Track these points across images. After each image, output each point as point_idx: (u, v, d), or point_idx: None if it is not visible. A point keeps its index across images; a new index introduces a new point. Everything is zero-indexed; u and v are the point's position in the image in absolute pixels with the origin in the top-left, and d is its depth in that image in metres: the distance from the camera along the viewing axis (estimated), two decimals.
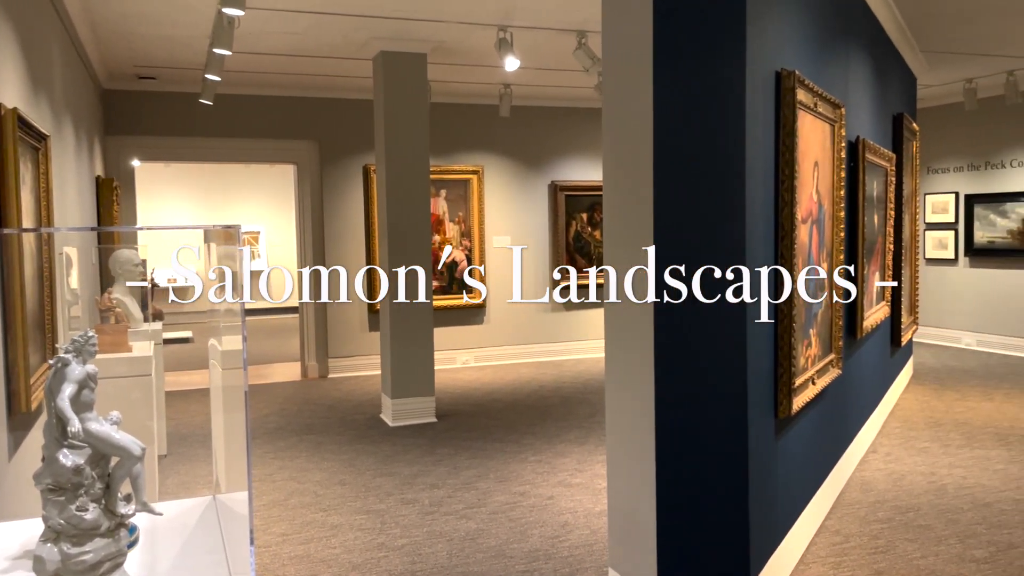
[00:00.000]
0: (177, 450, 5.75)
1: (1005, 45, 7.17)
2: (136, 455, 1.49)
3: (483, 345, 9.21)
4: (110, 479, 1.48)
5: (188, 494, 4.72)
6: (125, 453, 1.47)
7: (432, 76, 7.68)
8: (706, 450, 2.99)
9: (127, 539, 1.53)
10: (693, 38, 2.93)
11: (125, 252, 5.35)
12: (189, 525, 1.99)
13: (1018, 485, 4.69)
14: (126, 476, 1.50)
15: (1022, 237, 8.96)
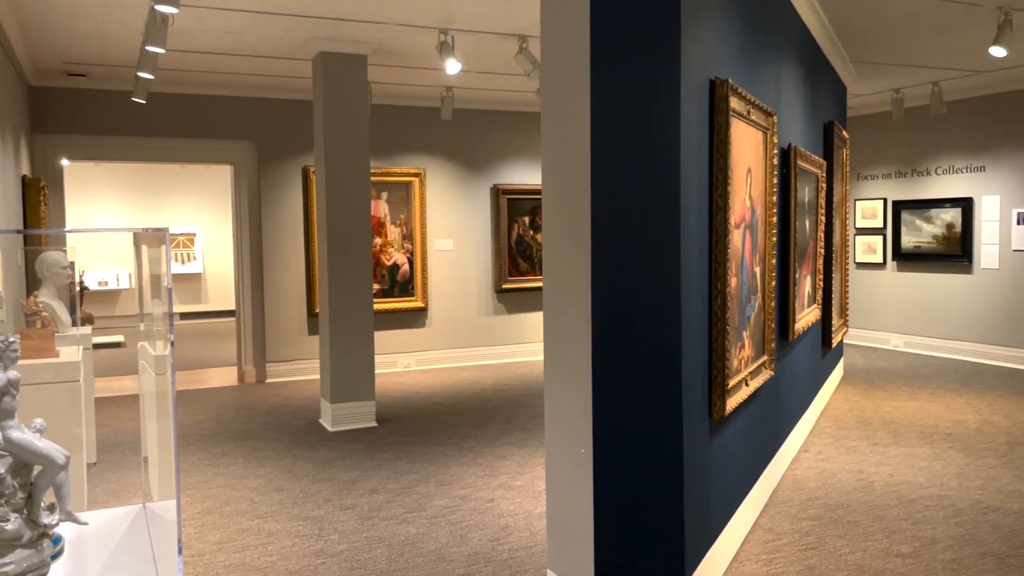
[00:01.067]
0: (108, 458, 5.59)
1: (930, 57, 7.46)
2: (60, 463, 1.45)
3: (425, 348, 9.18)
4: (32, 488, 1.44)
5: (118, 503, 4.59)
6: (48, 461, 1.44)
7: (373, 77, 7.63)
8: (642, 451, 3.04)
9: (51, 550, 1.49)
10: (629, 46, 2.98)
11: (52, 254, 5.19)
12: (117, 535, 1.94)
13: (941, 482, 4.87)
14: (49, 485, 1.46)
15: (946, 242, 9.32)
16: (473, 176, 9.40)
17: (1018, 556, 3.77)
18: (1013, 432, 5.96)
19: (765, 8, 4.50)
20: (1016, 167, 8.63)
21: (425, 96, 8.75)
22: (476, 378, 8.52)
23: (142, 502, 2.17)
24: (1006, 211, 8.73)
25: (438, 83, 8.12)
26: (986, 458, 5.33)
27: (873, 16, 6.05)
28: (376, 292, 8.77)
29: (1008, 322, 8.70)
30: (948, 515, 4.30)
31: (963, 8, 5.76)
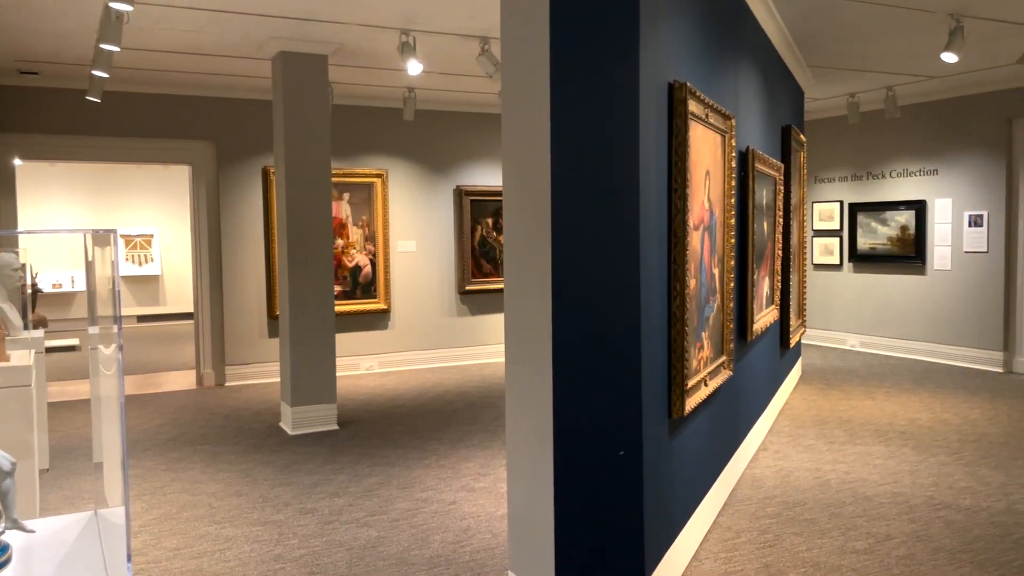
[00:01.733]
0: (61, 464, 5.47)
1: (884, 62, 7.61)
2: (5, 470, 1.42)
3: (387, 351, 9.13)
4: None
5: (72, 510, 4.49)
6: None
7: (334, 78, 7.58)
8: (603, 452, 3.05)
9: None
10: (589, 49, 3.00)
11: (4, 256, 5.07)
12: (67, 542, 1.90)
13: (895, 479, 4.97)
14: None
15: (901, 244, 9.52)
16: (436, 177, 9.37)
17: (969, 551, 3.86)
18: (964, 430, 6.11)
19: (723, 13, 4.56)
20: (967, 170, 8.84)
21: (387, 97, 8.71)
22: (439, 380, 8.49)
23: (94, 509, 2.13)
24: (958, 213, 8.94)
25: (400, 84, 8.09)
26: (938, 455, 5.45)
27: (829, 22, 6.16)
28: (338, 294, 8.71)
29: (960, 322, 8.91)
30: (902, 512, 4.39)
31: (916, 15, 5.89)
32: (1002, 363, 8.49)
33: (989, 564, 3.70)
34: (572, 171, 3.01)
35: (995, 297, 8.56)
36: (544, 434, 3.00)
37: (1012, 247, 8.46)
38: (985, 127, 8.64)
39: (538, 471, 3.03)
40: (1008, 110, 8.42)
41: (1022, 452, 5.48)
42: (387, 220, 9.00)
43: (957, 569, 3.65)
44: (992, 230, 8.60)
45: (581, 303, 3.01)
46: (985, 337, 8.66)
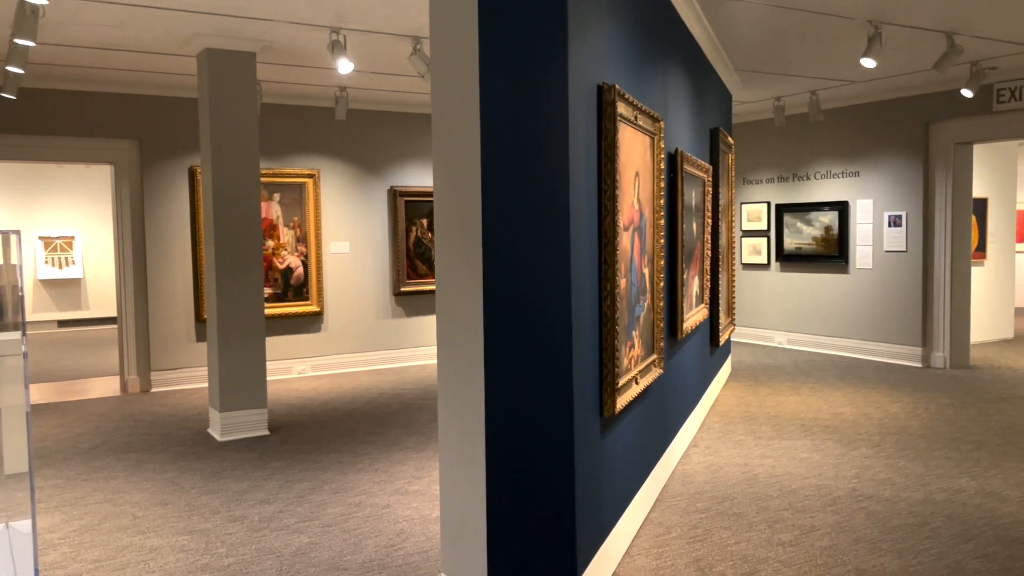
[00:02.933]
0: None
1: (808, 67, 7.83)
2: None
3: (321, 353, 9.00)
4: None
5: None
6: None
7: (263, 76, 7.44)
8: (534, 451, 3.06)
9: None
10: (517, 51, 3.00)
11: None
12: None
13: (820, 472, 5.12)
14: None
15: (825, 244, 9.81)
16: (370, 178, 9.28)
17: (888, 540, 3.99)
18: (885, 423, 6.32)
19: (652, 17, 4.62)
20: (887, 172, 9.17)
21: (319, 96, 8.59)
22: (374, 383, 8.41)
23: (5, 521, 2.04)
24: (878, 214, 9.26)
25: (332, 83, 7.99)
26: (861, 448, 5.63)
27: (754, 27, 6.31)
28: (269, 296, 8.55)
29: (881, 319, 9.23)
30: (825, 504, 4.52)
31: (836, 21, 6.07)
32: (921, 358, 8.82)
33: (907, 552, 3.84)
34: (502, 172, 3.01)
35: (914, 295, 8.89)
36: (476, 435, 2.99)
37: (929, 246, 8.80)
38: (904, 130, 8.97)
39: (470, 472, 3.02)
40: (925, 114, 8.76)
41: (939, 444, 5.71)
42: (319, 221, 8.87)
43: (878, 558, 3.78)
44: (910, 230, 8.93)
45: (512, 304, 3.02)
46: (905, 333, 8.99)
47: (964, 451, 5.51)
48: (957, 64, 7.21)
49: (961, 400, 7.09)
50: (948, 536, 4.03)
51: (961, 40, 6.54)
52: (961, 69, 7.61)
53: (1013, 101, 7.97)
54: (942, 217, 8.71)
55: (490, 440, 2.97)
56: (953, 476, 4.98)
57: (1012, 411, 6.65)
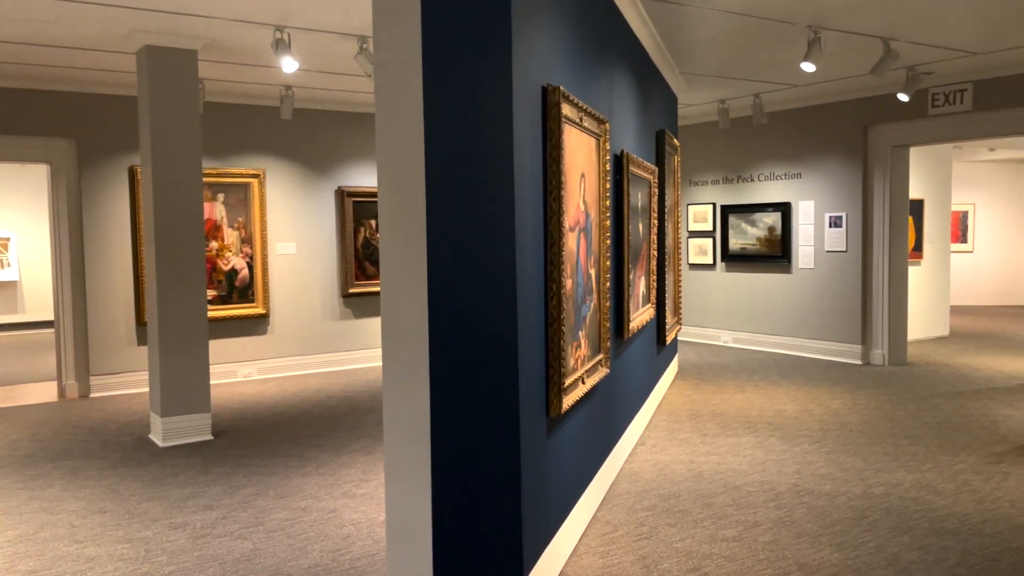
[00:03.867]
0: None
1: (752, 70, 7.97)
2: None
3: (267, 356, 8.86)
4: None
5: None
6: None
7: (206, 74, 7.30)
8: (480, 452, 3.06)
9: None
10: (461, 51, 3.00)
11: None
12: None
13: (763, 468, 5.21)
14: None
15: (768, 244, 10.00)
16: (316, 178, 9.17)
17: (828, 534, 4.08)
18: (826, 419, 6.47)
19: (597, 19, 4.66)
20: (827, 174, 9.38)
21: (264, 95, 8.47)
22: (322, 385, 8.31)
23: None
24: (819, 215, 9.47)
25: (277, 81, 7.88)
26: (802, 444, 5.75)
27: (697, 30, 6.40)
28: (213, 299, 8.39)
29: (822, 318, 9.44)
30: (768, 499, 4.61)
31: (778, 26, 6.20)
32: (860, 356, 9.05)
33: (847, 546, 3.93)
34: (447, 173, 3.00)
35: (853, 294, 9.12)
36: (421, 436, 2.98)
37: (868, 246, 9.04)
38: (843, 133, 9.19)
39: (415, 474, 3.00)
40: (864, 117, 8.99)
41: (878, 439, 5.86)
42: (265, 222, 8.73)
43: (818, 552, 3.86)
44: (850, 230, 9.15)
45: (457, 305, 3.01)
46: (845, 331, 9.21)
47: (901, 446, 5.67)
48: (894, 69, 7.41)
49: (899, 396, 7.30)
50: (885, 529, 4.14)
51: (897, 46, 6.72)
52: (898, 74, 7.82)
53: (947, 105, 8.22)
54: (880, 218, 8.95)
55: (435, 442, 2.96)
56: (890, 470, 5.11)
57: (947, 406, 6.86)
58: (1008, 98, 7.74)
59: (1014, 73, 7.63)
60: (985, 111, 7.96)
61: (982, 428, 6.12)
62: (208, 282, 8.33)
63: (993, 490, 4.71)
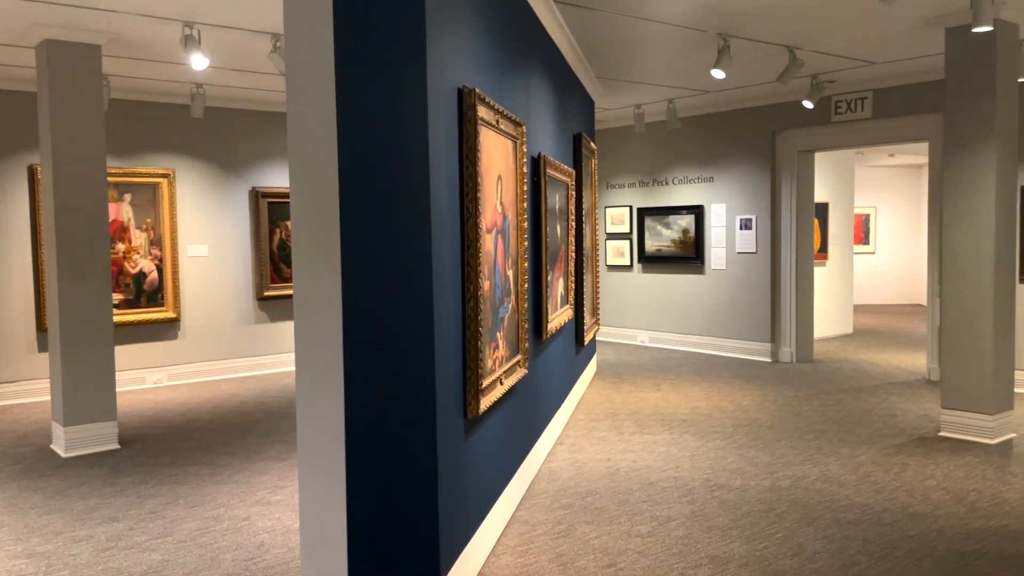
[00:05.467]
0: None
1: (666, 76, 8.16)
2: None
3: (178, 362, 8.59)
4: None
5: None
6: None
7: (111, 70, 7.05)
8: (396, 455, 3.04)
9: None
10: (374, 51, 2.98)
11: None
12: None
13: (677, 464, 5.34)
14: None
15: (683, 246, 10.25)
16: (230, 178, 8.94)
17: (738, 527, 4.21)
18: (737, 416, 6.67)
19: (513, 22, 4.69)
20: (738, 178, 9.68)
21: (173, 92, 8.21)
22: (236, 391, 8.11)
23: None
24: (731, 218, 9.76)
25: (187, 79, 7.65)
26: (715, 440, 5.91)
27: (612, 35, 6.51)
28: (119, 303, 8.09)
29: (734, 317, 9.73)
30: (681, 495, 4.72)
31: (689, 33, 6.36)
32: (770, 353, 9.37)
33: (755, 538, 4.07)
34: (361, 174, 2.97)
35: (763, 294, 9.43)
36: (335, 439, 2.94)
37: (777, 248, 9.36)
38: (753, 138, 9.50)
39: (330, 479, 2.96)
40: (772, 123, 9.30)
41: (785, 434, 6.07)
42: (175, 223, 8.46)
43: (728, 544, 3.98)
44: (760, 232, 9.46)
45: (372, 307, 2.99)
46: (755, 330, 9.52)
47: (807, 439, 5.89)
48: (799, 77, 7.70)
49: (805, 392, 7.58)
50: (792, 520, 4.30)
51: (802, 54, 6.99)
52: (803, 82, 8.13)
53: (849, 112, 8.59)
54: (788, 220, 9.28)
55: (350, 445, 2.93)
56: (797, 463, 5.31)
57: (849, 401, 7.17)
58: (905, 106, 8.14)
59: (910, 82, 8.03)
60: (884, 118, 8.35)
61: (882, 422, 6.41)
62: (115, 285, 8.03)
63: (892, 480, 4.94)
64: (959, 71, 5.82)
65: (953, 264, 5.91)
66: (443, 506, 3.18)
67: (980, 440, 5.77)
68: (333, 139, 2.92)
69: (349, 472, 2.92)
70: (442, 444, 3.18)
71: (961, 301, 5.87)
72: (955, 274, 5.90)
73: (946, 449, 5.60)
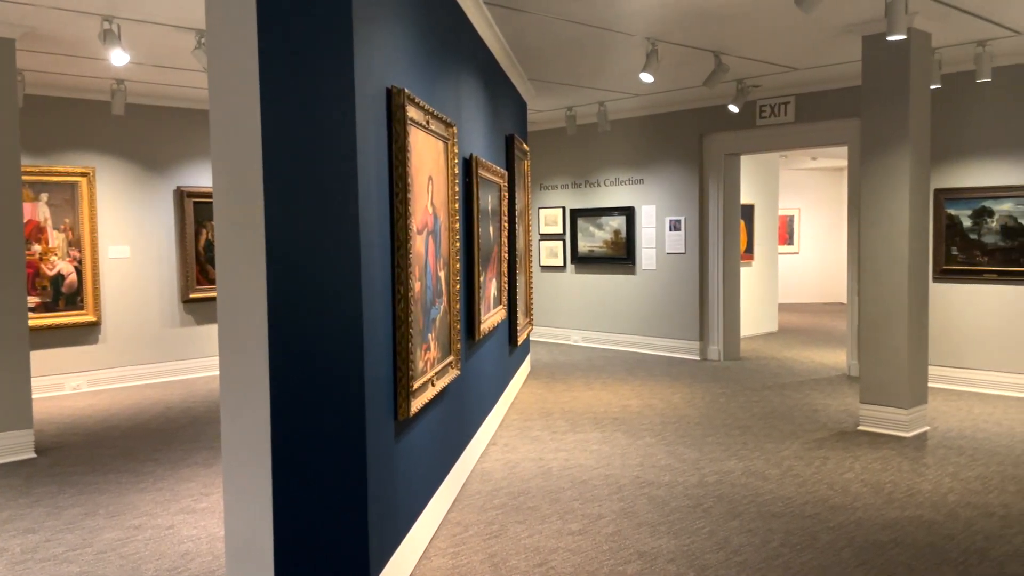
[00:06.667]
0: None
1: (597, 79, 8.26)
2: None
3: (99, 367, 8.31)
4: None
5: None
6: None
7: (25, 64, 6.78)
8: (325, 459, 3.00)
9: None
10: (300, 51, 2.94)
11: None
12: None
13: (608, 462, 5.40)
14: None
15: (614, 246, 10.38)
16: (153, 177, 8.68)
17: (666, 523, 4.29)
18: (667, 413, 6.80)
19: (444, 24, 4.68)
20: (667, 180, 9.85)
21: (93, 88, 7.93)
22: (160, 396, 7.89)
23: None
24: (661, 219, 9.93)
25: (108, 75, 7.40)
26: (645, 437, 6.01)
27: (542, 38, 6.56)
28: (36, 306, 7.78)
29: (664, 316, 9.90)
30: (612, 492, 4.79)
31: (618, 36, 6.45)
32: (699, 352, 9.57)
33: (683, 533, 4.15)
34: (287, 174, 2.93)
35: (692, 293, 9.62)
36: (261, 445, 2.89)
37: (704, 249, 9.56)
38: (681, 141, 9.68)
39: (256, 484, 2.91)
40: (699, 127, 9.50)
41: (712, 430, 6.21)
42: (95, 223, 8.18)
43: (656, 540, 4.05)
44: (688, 233, 9.66)
45: (299, 308, 2.94)
46: (685, 329, 9.70)
47: (733, 435, 6.04)
48: (725, 81, 7.88)
49: (732, 389, 7.76)
50: (718, 515, 4.40)
51: (727, 60, 7.16)
52: (729, 86, 8.33)
53: (773, 117, 8.83)
54: (715, 222, 9.49)
55: (277, 450, 2.89)
56: (723, 459, 5.44)
57: (774, 398, 7.37)
58: (826, 111, 8.41)
59: (831, 88, 8.30)
60: (806, 123, 8.62)
61: (805, 417, 6.62)
62: (31, 288, 7.73)
63: (813, 474, 5.10)
64: (875, 78, 6.04)
65: (870, 264, 6.14)
66: (373, 510, 3.16)
67: (896, 433, 6.01)
68: (257, 138, 2.87)
69: (275, 477, 2.87)
70: (372, 447, 3.16)
71: (878, 300, 6.10)
72: (872, 274, 6.13)
73: (864, 443, 5.81)
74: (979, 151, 7.39)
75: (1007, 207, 7.24)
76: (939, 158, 7.50)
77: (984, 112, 7.32)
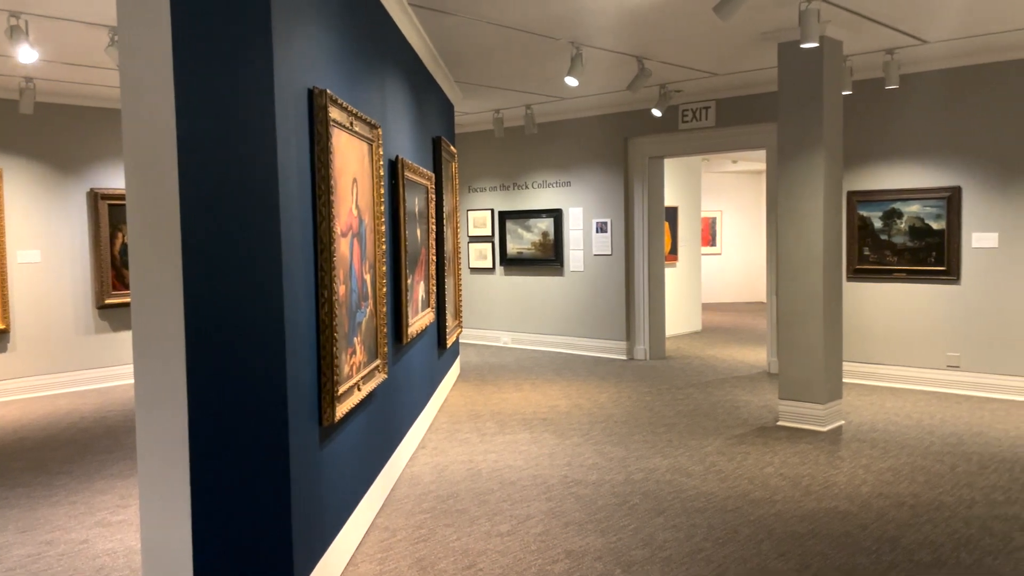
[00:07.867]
0: None
1: (523, 82, 8.30)
2: None
3: (6, 377, 7.94)
4: None
5: None
6: None
7: None
8: (245, 467, 2.94)
9: None
10: (217, 49, 2.87)
11: None
12: None
13: (537, 462, 5.44)
14: None
15: (543, 248, 10.46)
16: (64, 179, 8.35)
17: (593, 521, 4.34)
18: (594, 412, 6.88)
19: (368, 25, 4.64)
20: (594, 182, 9.98)
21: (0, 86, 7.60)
22: (74, 406, 7.59)
23: None
24: (588, 221, 10.04)
25: (15, 72, 7.09)
26: (572, 437, 6.07)
27: (467, 41, 6.56)
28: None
29: (591, 317, 10.02)
30: (540, 492, 4.82)
31: (543, 40, 6.50)
32: (625, 351, 9.71)
33: (610, 530, 4.20)
34: (204, 176, 2.86)
35: (618, 294, 9.76)
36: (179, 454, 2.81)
37: (630, 250, 9.72)
38: (607, 144, 9.82)
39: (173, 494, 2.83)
40: (624, 130, 9.65)
41: (639, 428, 6.31)
42: (3, 227, 7.83)
43: (584, 538, 4.09)
44: (614, 235, 9.79)
45: (218, 312, 2.88)
46: (612, 329, 9.84)
47: (658, 433, 6.15)
48: (648, 86, 8.03)
49: (658, 388, 7.91)
50: (644, 512, 4.47)
51: (650, 64, 7.29)
52: (652, 91, 8.48)
53: (695, 121, 9.03)
54: (640, 224, 9.65)
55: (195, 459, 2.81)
56: (649, 456, 5.53)
57: (698, 395, 7.54)
58: (745, 115, 8.65)
59: (750, 93, 8.54)
60: (726, 127, 8.84)
61: (727, 413, 6.78)
62: None
63: (735, 469, 5.24)
64: (791, 84, 6.24)
65: (787, 264, 6.33)
66: (297, 518, 3.11)
67: (813, 428, 6.21)
68: (172, 138, 2.80)
69: (194, 487, 2.80)
70: (295, 454, 3.11)
71: (794, 298, 6.30)
72: (788, 273, 6.33)
73: (783, 437, 5.99)
74: (889, 155, 7.71)
75: (915, 208, 7.57)
76: (852, 161, 7.80)
77: (893, 117, 7.64)
